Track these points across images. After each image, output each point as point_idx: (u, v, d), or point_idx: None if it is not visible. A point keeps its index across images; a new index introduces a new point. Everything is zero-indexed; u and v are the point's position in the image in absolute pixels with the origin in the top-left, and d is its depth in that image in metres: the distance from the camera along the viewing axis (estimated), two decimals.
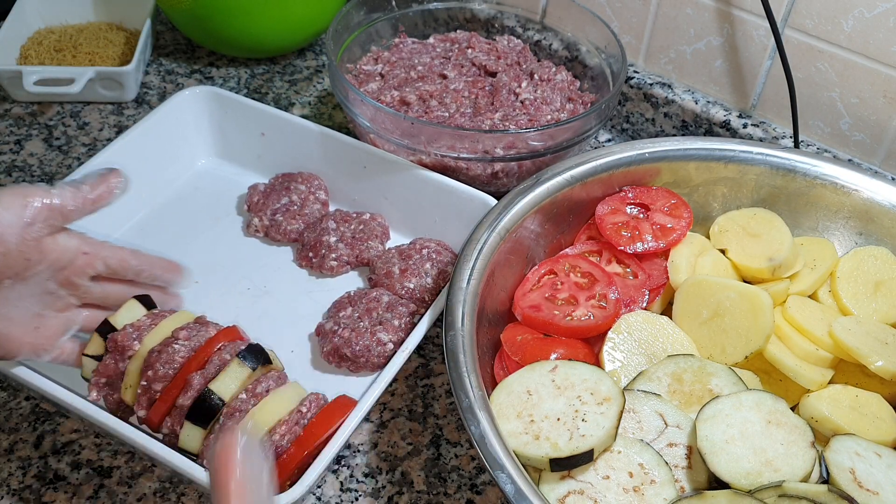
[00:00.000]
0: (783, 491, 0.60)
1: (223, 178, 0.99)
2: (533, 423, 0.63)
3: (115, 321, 0.72)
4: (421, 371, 0.82)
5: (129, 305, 0.73)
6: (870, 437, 0.68)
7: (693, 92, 1.02)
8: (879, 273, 0.79)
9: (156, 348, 0.70)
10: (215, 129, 0.99)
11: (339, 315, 0.81)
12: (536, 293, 0.77)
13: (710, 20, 0.96)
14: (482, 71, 1.01)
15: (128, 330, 0.71)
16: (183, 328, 0.71)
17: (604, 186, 0.82)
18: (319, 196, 0.94)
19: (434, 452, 0.76)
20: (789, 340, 0.74)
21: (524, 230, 0.77)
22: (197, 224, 0.94)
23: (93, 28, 1.15)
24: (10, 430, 0.76)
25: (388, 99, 0.96)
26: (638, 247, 0.79)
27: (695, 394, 0.69)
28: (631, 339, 0.74)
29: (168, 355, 0.69)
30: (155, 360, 0.69)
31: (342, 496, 0.73)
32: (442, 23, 1.11)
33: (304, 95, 1.12)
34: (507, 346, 0.73)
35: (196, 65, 1.16)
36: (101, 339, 0.72)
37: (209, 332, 0.73)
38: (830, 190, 0.82)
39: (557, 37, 1.07)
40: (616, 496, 0.62)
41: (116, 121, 1.07)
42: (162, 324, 0.72)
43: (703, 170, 0.83)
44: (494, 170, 0.90)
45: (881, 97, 0.89)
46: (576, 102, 0.99)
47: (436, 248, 0.87)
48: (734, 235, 0.82)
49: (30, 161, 1.01)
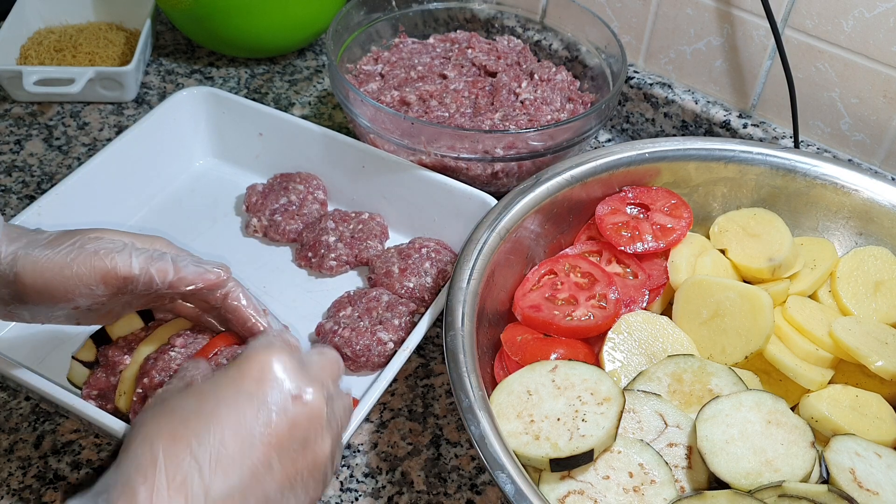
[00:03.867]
0: (783, 491, 0.60)
1: (221, 178, 0.99)
2: (533, 423, 0.63)
3: (112, 331, 0.71)
4: (421, 371, 0.82)
5: (128, 317, 0.72)
6: (870, 437, 0.67)
7: (693, 92, 1.02)
8: (879, 273, 0.79)
9: (152, 355, 0.69)
10: (213, 130, 0.99)
11: (339, 315, 0.81)
12: (536, 293, 0.77)
13: (710, 20, 0.96)
14: (482, 71, 1.01)
15: (120, 344, 0.70)
16: (179, 335, 0.70)
17: (604, 186, 0.82)
18: (318, 196, 0.94)
19: (434, 452, 0.76)
20: (789, 340, 0.74)
21: (524, 230, 0.77)
22: (195, 225, 0.94)
23: (93, 28, 1.15)
24: (10, 430, 0.76)
25: (388, 99, 0.96)
26: (638, 247, 0.79)
27: (695, 394, 0.69)
28: (631, 339, 0.74)
29: (164, 363, 0.68)
30: (151, 368, 0.68)
31: (342, 496, 0.73)
32: (442, 23, 1.11)
33: (304, 95, 1.12)
34: (507, 346, 0.73)
35: (196, 65, 1.16)
36: (94, 346, 0.71)
37: (206, 339, 0.71)
38: (830, 190, 0.82)
39: (557, 37, 1.07)
40: (616, 496, 0.62)
41: (116, 121, 1.07)
42: (158, 331, 0.71)
43: (703, 170, 0.83)
44: (494, 170, 0.90)
45: (881, 97, 0.89)
46: (576, 102, 0.99)
47: (435, 247, 0.87)
48: (734, 235, 0.82)
49: (30, 161, 1.01)
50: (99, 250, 0.60)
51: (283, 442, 0.51)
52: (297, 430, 0.52)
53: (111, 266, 0.60)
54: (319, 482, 0.55)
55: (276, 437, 0.51)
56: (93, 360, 0.72)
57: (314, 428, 0.53)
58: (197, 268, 0.63)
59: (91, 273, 0.60)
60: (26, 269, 0.59)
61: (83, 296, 0.61)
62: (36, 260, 0.60)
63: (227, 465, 0.49)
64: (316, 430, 0.53)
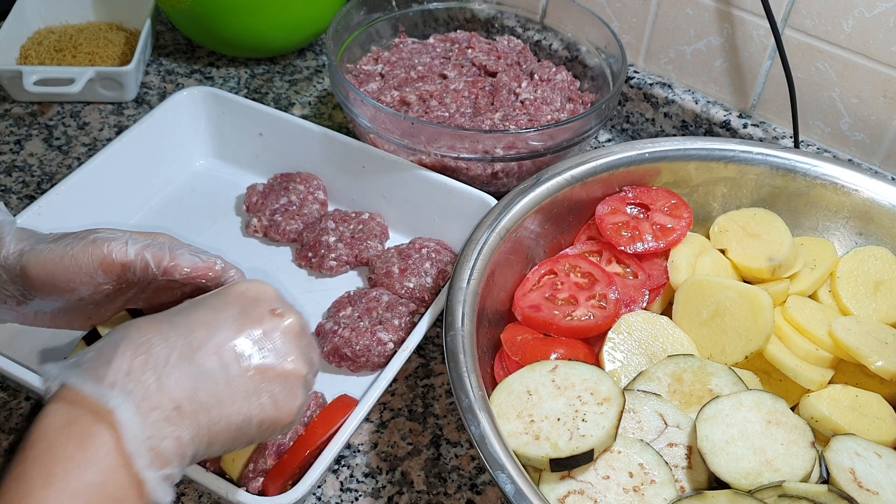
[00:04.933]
0: (783, 491, 0.60)
1: (221, 178, 0.99)
2: (533, 423, 0.63)
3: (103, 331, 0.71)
4: (421, 371, 0.82)
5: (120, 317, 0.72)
6: (870, 437, 0.67)
7: (693, 92, 1.02)
8: (879, 273, 0.79)
9: None
10: (213, 130, 0.99)
11: (339, 315, 0.81)
12: (536, 293, 0.77)
13: (710, 20, 0.96)
14: (482, 71, 1.01)
15: None
16: None
17: (604, 186, 0.82)
18: (318, 196, 0.94)
19: (434, 452, 0.76)
20: (789, 340, 0.74)
21: (524, 230, 0.77)
22: (195, 225, 0.94)
23: (93, 28, 1.15)
24: (11, 430, 0.76)
25: (388, 99, 0.96)
26: (638, 247, 0.79)
27: (695, 394, 0.69)
28: (631, 339, 0.74)
29: None
30: None
31: (342, 496, 0.73)
32: (442, 23, 1.11)
33: (304, 95, 1.12)
34: (507, 346, 0.73)
35: (196, 65, 1.16)
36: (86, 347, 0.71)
37: None
38: (830, 190, 0.82)
39: (557, 37, 1.07)
40: (616, 496, 0.62)
41: (116, 121, 1.07)
42: None
43: (703, 170, 0.83)
44: (494, 170, 0.90)
45: (881, 97, 0.89)
46: (576, 102, 0.99)
47: (435, 247, 0.87)
48: (734, 235, 0.82)
49: (30, 161, 1.01)
50: (97, 239, 0.63)
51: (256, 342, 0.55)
52: (271, 337, 0.56)
53: (107, 252, 0.62)
54: (292, 397, 0.56)
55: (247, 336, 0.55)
56: None
57: (288, 345, 0.56)
58: (193, 256, 0.65)
59: (90, 261, 0.62)
60: (31, 262, 0.62)
61: (84, 284, 0.63)
62: (39, 252, 0.62)
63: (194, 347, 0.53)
64: (288, 347, 0.56)
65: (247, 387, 0.54)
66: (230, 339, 0.54)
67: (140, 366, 0.51)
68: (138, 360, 0.51)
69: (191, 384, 0.52)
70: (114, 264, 0.63)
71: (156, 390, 0.51)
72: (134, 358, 0.51)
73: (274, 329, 0.56)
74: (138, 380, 0.50)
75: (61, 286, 0.63)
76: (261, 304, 0.57)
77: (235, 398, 0.54)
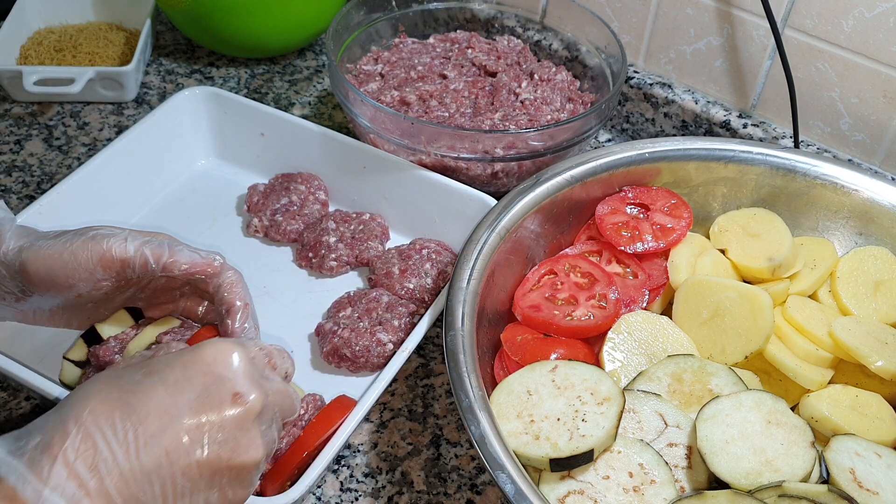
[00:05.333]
0: (783, 491, 0.60)
1: (222, 178, 0.99)
2: (533, 423, 0.63)
3: (102, 330, 0.71)
4: (421, 371, 0.82)
5: (118, 315, 0.72)
6: (870, 437, 0.67)
7: (693, 92, 1.02)
8: (879, 273, 0.79)
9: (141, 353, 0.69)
10: (214, 130, 0.99)
11: (339, 315, 0.81)
12: (536, 293, 0.77)
13: (710, 20, 0.96)
14: (482, 71, 1.01)
15: (111, 343, 0.70)
16: (167, 332, 0.70)
17: (604, 186, 0.82)
18: (319, 196, 0.94)
19: (434, 452, 0.76)
20: (789, 340, 0.74)
21: (524, 230, 0.77)
22: (196, 225, 0.94)
23: (93, 28, 1.15)
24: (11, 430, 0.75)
25: (388, 99, 0.96)
26: (638, 247, 0.79)
27: (695, 394, 0.69)
28: (631, 339, 0.74)
29: None
30: None
31: (342, 496, 0.73)
32: (442, 23, 1.11)
33: (304, 95, 1.12)
34: (507, 346, 0.73)
35: (196, 65, 1.16)
36: (86, 345, 0.71)
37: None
38: (830, 190, 0.82)
39: (557, 37, 1.07)
40: (616, 496, 0.62)
41: (116, 121, 1.07)
42: (147, 329, 0.71)
43: (703, 170, 0.83)
44: (494, 170, 0.90)
45: (881, 97, 0.89)
46: (576, 102, 0.99)
47: (435, 248, 0.87)
48: (734, 235, 0.82)
49: (30, 161, 1.01)
50: (96, 236, 0.63)
51: (209, 435, 0.52)
52: (227, 428, 0.52)
53: (107, 248, 0.62)
54: (242, 487, 0.54)
55: (200, 428, 0.51)
56: (84, 359, 0.72)
57: (245, 435, 0.53)
58: (192, 253, 0.64)
59: (89, 257, 0.62)
60: (30, 259, 0.62)
61: (83, 280, 0.63)
62: (38, 249, 0.62)
63: (142, 442, 0.50)
64: (245, 437, 0.53)
65: (195, 482, 0.52)
66: (183, 431, 0.51)
67: (84, 466, 0.48)
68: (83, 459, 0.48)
69: (133, 486, 0.49)
70: (113, 260, 0.62)
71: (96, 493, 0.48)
72: (78, 457, 0.48)
73: (232, 418, 0.53)
74: (80, 482, 0.48)
75: (60, 282, 0.63)
76: (225, 383, 0.54)
77: (182, 494, 0.51)
